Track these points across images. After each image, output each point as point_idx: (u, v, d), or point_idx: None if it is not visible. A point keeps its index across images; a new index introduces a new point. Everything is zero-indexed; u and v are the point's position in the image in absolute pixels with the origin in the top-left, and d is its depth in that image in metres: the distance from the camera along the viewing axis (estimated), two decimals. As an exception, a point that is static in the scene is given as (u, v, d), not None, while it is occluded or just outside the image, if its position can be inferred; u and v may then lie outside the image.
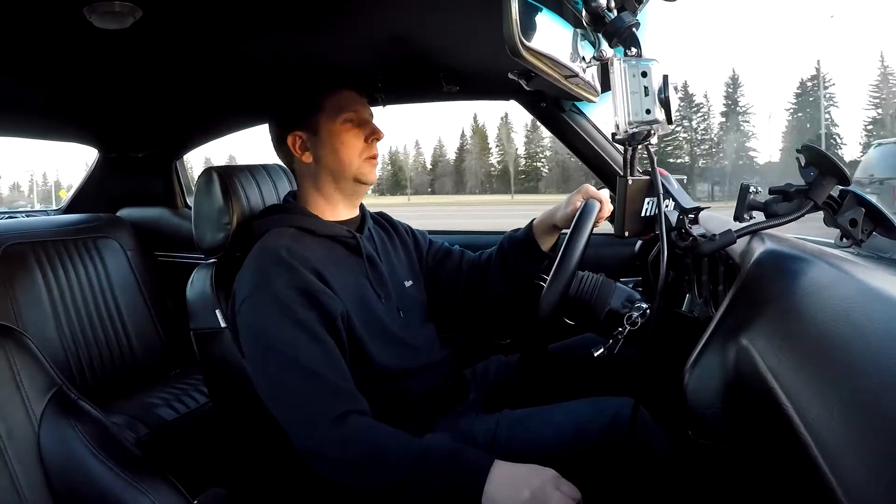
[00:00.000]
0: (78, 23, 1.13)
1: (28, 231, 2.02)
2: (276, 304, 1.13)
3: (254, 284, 1.17)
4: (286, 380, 1.11)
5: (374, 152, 1.30)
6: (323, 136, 1.28)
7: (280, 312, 1.13)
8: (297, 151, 1.30)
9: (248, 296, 1.16)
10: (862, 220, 0.93)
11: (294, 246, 1.20)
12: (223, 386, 1.34)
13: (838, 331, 0.57)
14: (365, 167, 1.29)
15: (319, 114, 1.28)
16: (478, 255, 1.50)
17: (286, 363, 1.11)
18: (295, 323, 1.12)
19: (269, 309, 1.14)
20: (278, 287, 1.14)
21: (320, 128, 1.28)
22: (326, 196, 1.32)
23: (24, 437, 0.95)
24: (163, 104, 2.01)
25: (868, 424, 0.45)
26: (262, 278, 1.16)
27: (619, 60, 0.91)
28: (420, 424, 1.22)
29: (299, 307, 1.13)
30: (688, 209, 1.11)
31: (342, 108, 1.28)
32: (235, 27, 1.28)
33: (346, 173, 1.29)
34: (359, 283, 1.26)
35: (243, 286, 1.19)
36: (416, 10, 1.20)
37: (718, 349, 0.78)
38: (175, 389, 1.95)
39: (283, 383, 1.12)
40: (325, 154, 1.28)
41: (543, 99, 1.77)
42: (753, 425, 0.70)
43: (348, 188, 1.31)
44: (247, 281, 1.19)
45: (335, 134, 1.27)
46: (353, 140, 1.28)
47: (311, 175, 1.31)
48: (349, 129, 1.28)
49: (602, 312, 1.15)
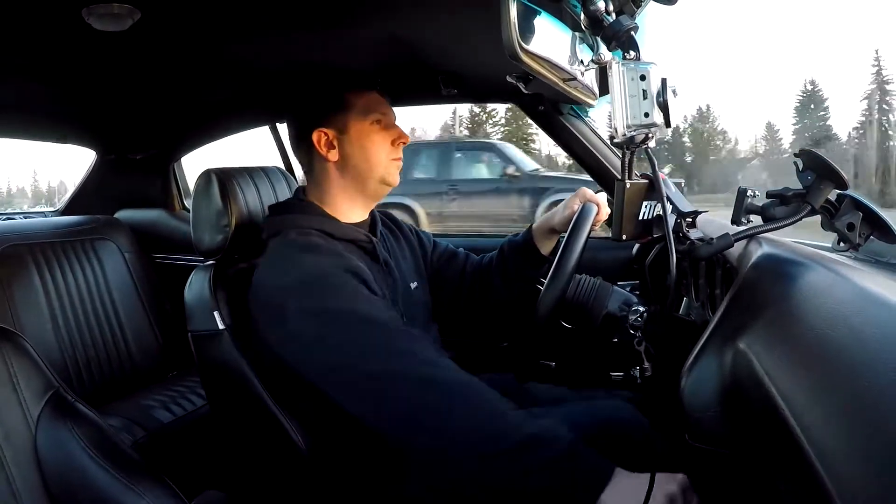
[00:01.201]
0: (76, 25, 1.13)
1: (25, 233, 2.01)
2: (332, 285, 1.09)
3: (299, 274, 1.11)
4: (368, 337, 1.05)
5: (399, 155, 1.30)
6: (352, 135, 1.26)
7: (340, 290, 1.08)
8: (322, 148, 1.26)
9: (294, 287, 1.10)
10: (859, 224, 0.93)
11: (326, 241, 1.18)
12: (220, 388, 1.34)
13: (835, 335, 0.57)
14: (391, 168, 1.28)
15: (349, 112, 1.26)
16: (479, 259, 1.50)
17: (362, 324, 1.05)
18: (357, 295, 1.09)
19: (327, 291, 1.08)
20: (329, 268, 1.10)
21: (349, 126, 1.26)
22: (349, 195, 1.29)
23: (20, 440, 0.94)
24: (161, 106, 2.01)
25: (864, 429, 0.45)
26: (308, 266, 1.11)
27: (618, 64, 0.91)
28: None
29: (357, 285, 1.10)
30: (685, 213, 1.12)
31: (371, 109, 1.27)
32: (233, 29, 1.28)
33: (373, 173, 1.27)
34: (381, 287, 1.25)
35: (282, 281, 1.13)
36: (416, 12, 1.20)
37: (715, 353, 0.78)
38: (172, 392, 1.95)
39: (366, 342, 1.05)
40: (353, 153, 1.26)
41: (542, 102, 1.77)
42: (750, 429, 0.70)
43: (371, 188, 1.29)
44: (286, 275, 1.13)
45: (365, 134, 1.26)
46: (382, 141, 1.27)
47: (334, 173, 1.28)
48: (379, 131, 1.27)
49: (599, 316, 1.15)
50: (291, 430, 1.19)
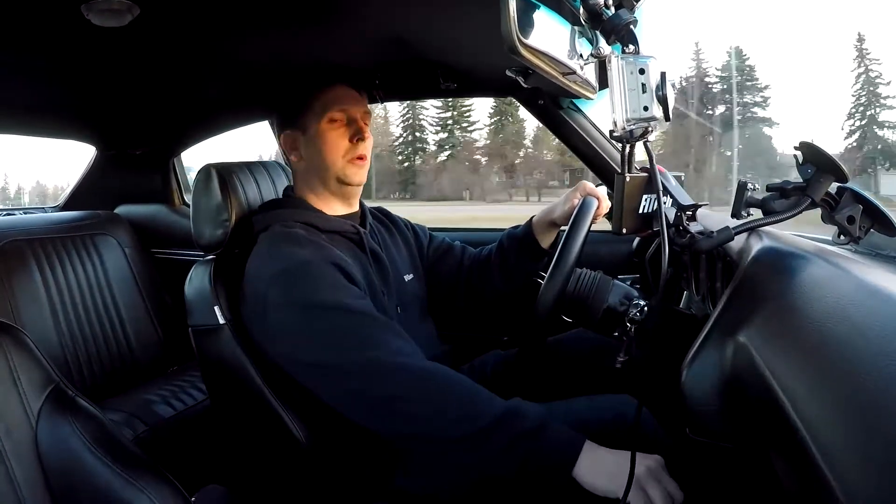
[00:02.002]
0: (75, 20, 1.13)
1: (26, 228, 2.01)
2: (310, 275, 1.10)
3: (279, 266, 1.14)
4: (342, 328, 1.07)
5: (359, 153, 1.28)
6: (310, 136, 1.27)
7: (317, 281, 1.10)
8: (288, 151, 1.30)
9: (273, 279, 1.12)
10: (860, 217, 0.93)
11: (308, 233, 1.19)
12: (221, 383, 1.34)
13: (836, 328, 0.57)
14: (349, 168, 1.27)
15: (307, 113, 1.27)
16: (478, 252, 1.50)
17: (337, 315, 1.08)
18: (335, 286, 1.10)
19: (304, 282, 1.10)
20: (308, 260, 1.12)
21: (308, 127, 1.27)
22: (318, 194, 1.31)
23: (21, 435, 0.95)
24: (161, 101, 2.01)
25: (866, 422, 0.45)
26: (286, 257, 1.13)
27: (617, 57, 0.91)
28: None
29: (336, 275, 1.11)
30: (685, 206, 1.11)
31: (328, 107, 1.26)
32: (233, 25, 1.28)
33: (329, 173, 1.28)
34: (366, 278, 1.25)
35: (264, 272, 1.15)
36: (415, 7, 1.20)
37: (716, 346, 0.78)
38: (173, 386, 1.95)
39: (341, 333, 1.07)
40: (310, 154, 1.28)
41: (541, 96, 1.77)
42: (751, 423, 0.70)
43: (334, 188, 1.30)
44: (267, 266, 1.16)
45: (319, 134, 1.26)
46: (338, 140, 1.26)
47: (301, 174, 1.32)
48: (334, 129, 1.26)
49: (600, 310, 1.14)
50: (291, 424, 1.20)
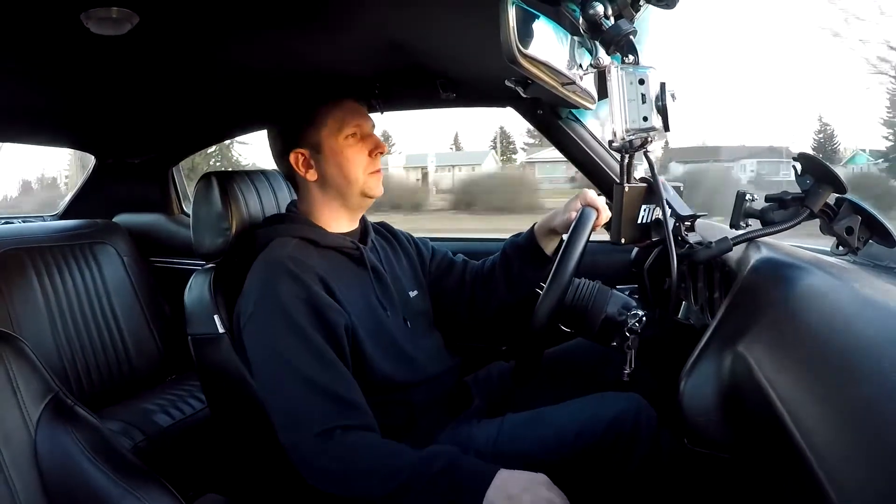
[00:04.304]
0: (74, 29, 1.13)
1: (24, 237, 2.01)
2: (282, 314, 1.14)
3: (260, 296, 1.18)
4: (284, 385, 1.12)
5: (378, 166, 1.30)
6: (326, 154, 1.27)
7: (284, 322, 1.13)
8: (300, 169, 1.28)
9: (253, 311, 1.17)
10: (858, 228, 0.93)
11: (298, 256, 1.19)
12: (220, 392, 1.34)
13: (834, 339, 0.57)
14: (371, 181, 1.29)
15: (321, 130, 1.27)
16: (480, 264, 1.50)
17: (286, 369, 1.12)
18: (299, 333, 1.13)
19: (275, 320, 1.14)
20: (284, 298, 1.14)
21: (323, 144, 1.27)
22: (333, 209, 1.31)
23: (20, 444, 0.94)
24: (160, 110, 2.00)
25: (864, 433, 0.46)
26: (267, 290, 1.17)
27: (617, 68, 0.91)
28: (424, 434, 1.22)
29: (303, 318, 1.13)
30: (684, 216, 1.12)
31: (344, 124, 1.27)
32: (232, 34, 1.28)
33: (352, 189, 1.28)
34: (365, 296, 1.25)
35: (248, 300, 1.19)
36: (414, 17, 1.20)
37: (714, 357, 0.78)
38: (171, 395, 1.94)
39: (281, 388, 1.13)
40: (330, 171, 1.27)
41: (540, 106, 1.77)
42: (750, 433, 0.70)
43: (354, 203, 1.31)
44: (252, 294, 1.19)
45: (339, 151, 1.26)
46: (357, 156, 1.27)
47: (316, 191, 1.30)
48: (352, 145, 1.27)
49: (598, 320, 1.15)
50: None
